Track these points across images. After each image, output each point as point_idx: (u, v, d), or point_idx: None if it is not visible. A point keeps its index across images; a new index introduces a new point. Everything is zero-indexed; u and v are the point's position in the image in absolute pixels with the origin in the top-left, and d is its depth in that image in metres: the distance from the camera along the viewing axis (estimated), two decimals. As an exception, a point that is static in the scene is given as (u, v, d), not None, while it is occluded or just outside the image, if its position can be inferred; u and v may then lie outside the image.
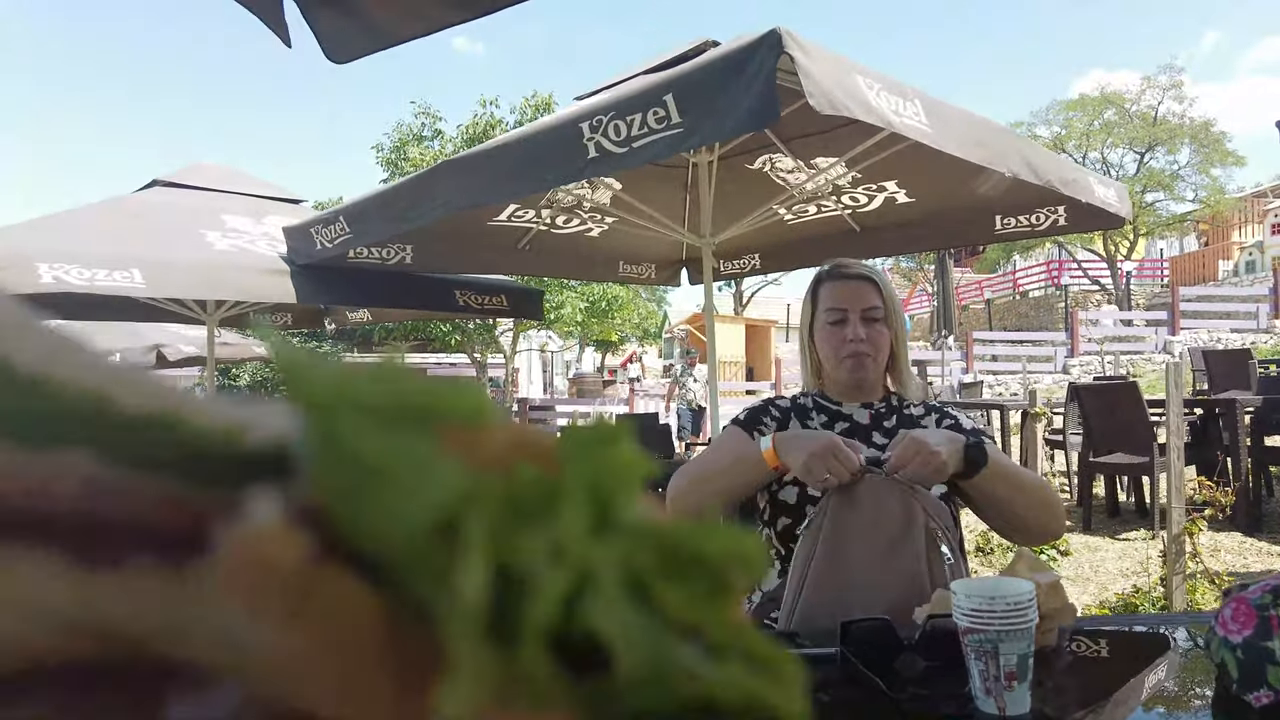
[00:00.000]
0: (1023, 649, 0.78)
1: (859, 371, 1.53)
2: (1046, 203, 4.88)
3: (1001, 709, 0.78)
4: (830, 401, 1.61)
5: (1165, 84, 21.05)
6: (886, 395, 1.62)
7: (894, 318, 1.56)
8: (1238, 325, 15.00)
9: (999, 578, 0.86)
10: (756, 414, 1.61)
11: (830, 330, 1.54)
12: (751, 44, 2.38)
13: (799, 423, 1.58)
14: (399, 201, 3.78)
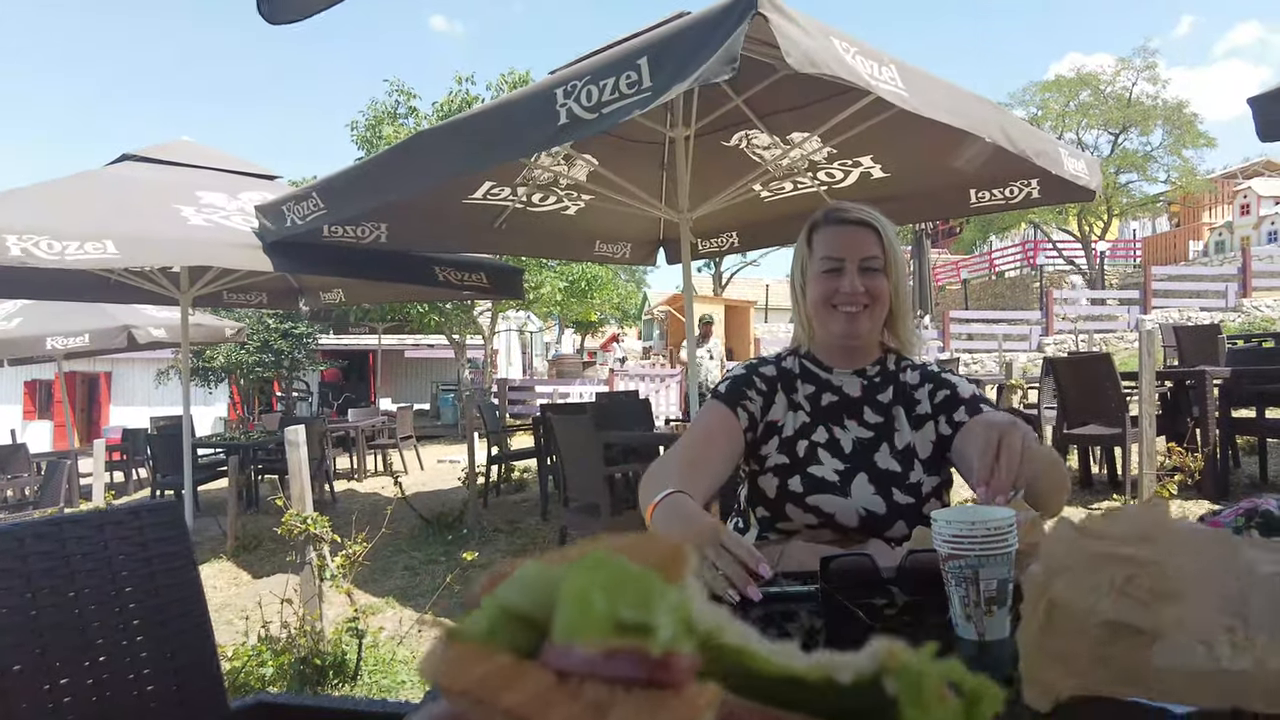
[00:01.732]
0: (1003, 574, 0.78)
1: (853, 326, 1.40)
2: (1020, 176, 4.92)
3: (981, 634, 0.78)
4: (819, 367, 1.49)
5: (1140, 66, 21.24)
6: (882, 357, 1.49)
7: (894, 268, 1.41)
8: (1207, 304, 15.26)
9: (978, 505, 0.86)
10: (740, 385, 1.47)
11: (824, 280, 1.40)
12: (727, 5, 2.35)
13: (785, 397, 1.46)
14: (373, 175, 3.72)
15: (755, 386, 1.48)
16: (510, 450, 7.50)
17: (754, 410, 1.46)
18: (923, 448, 1.42)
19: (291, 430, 2.85)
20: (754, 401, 1.46)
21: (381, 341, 18.16)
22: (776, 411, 1.47)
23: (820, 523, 1.35)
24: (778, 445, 1.44)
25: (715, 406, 1.46)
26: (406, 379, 23.51)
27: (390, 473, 8.31)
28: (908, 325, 1.48)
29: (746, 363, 1.55)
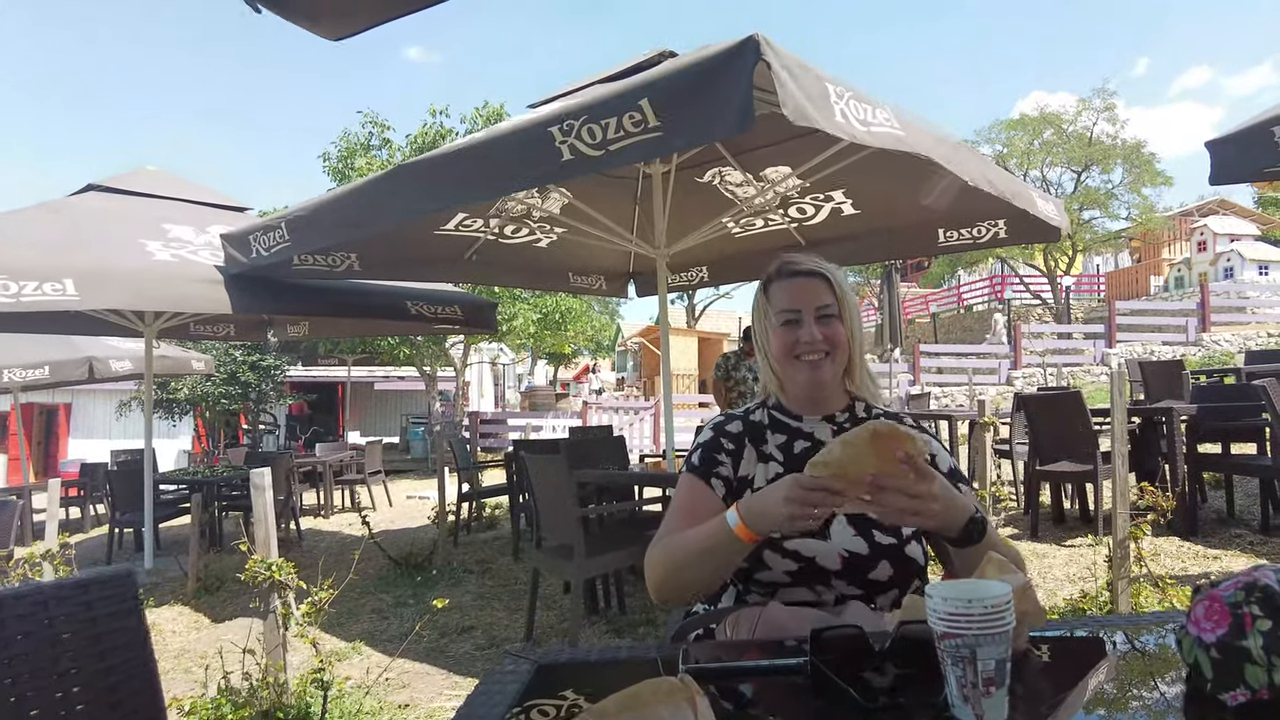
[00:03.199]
0: (1000, 653, 0.74)
1: (817, 374, 1.43)
2: (987, 216, 5.00)
3: (979, 716, 0.74)
4: (789, 416, 1.50)
5: (1100, 107, 21.88)
6: (850, 404, 1.51)
7: (849, 314, 1.44)
8: (1169, 338, 15.58)
9: (975, 580, 0.83)
10: (710, 452, 1.47)
11: (784, 332, 1.43)
12: (730, 50, 2.34)
13: (754, 449, 1.46)
14: (349, 207, 3.66)
15: (723, 448, 1.48)
16: (481, 487, 7.38)
17: (727, 474, 1.46)
18: None
19: (258, 473, 2.76)
20: (725, 465, 1.46)
21: (351, 373, 17.93)
22: (746, 466, 1.47)
23: (801, 568, 1.33)
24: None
25: (690, 481, 1.46)
26: (376, 411, 23.20)
27: (357, 509, 8.13)
28: (864, 370, 1.51)
29: (713, 422, 1.55)
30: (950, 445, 7.47)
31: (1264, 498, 4.96)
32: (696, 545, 1.28)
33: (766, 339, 1.49)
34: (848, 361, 1.47)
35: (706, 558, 1.27)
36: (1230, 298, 16.58)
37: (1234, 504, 5.36)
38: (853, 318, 1.45)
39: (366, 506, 9.45)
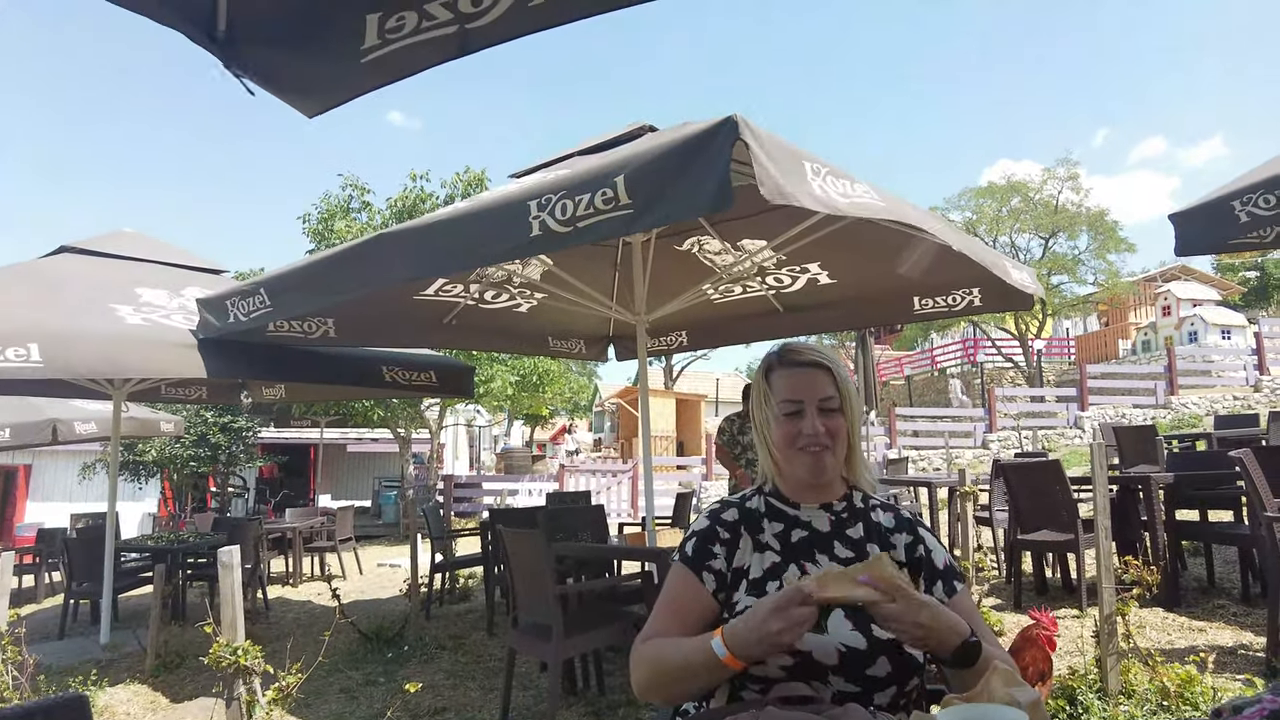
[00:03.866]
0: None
1: (818, 466, 1.41)
2: (963, 284, 5.08)
3: None
4: (786, 504, 1.47)
5: (1063, 175, 22.60)
6: (847, 493, 1.49)
7: (850, 406, 1.44)
8: (1139, 401, 15.82)
9: (987, 705, 0.79)
10: (704, 543, 1.45)
11: (786, 422, 1.42)
12: (709, 129, 2.37)
13: (750, 538, 1.43)
14: (326, 274, 3.63)
15: (719, 538, 1.45)
16: (455, 557, 7.21)
17: (720, 567, 1.43)
18: None
19: (226, 552, 2.65)
20: (719, 557, 1.43)
21: (324, 435, 17.65)
22: (742, 556, 1.44)
23: (797, 663, 1.29)
24: (746, 589, 1.39)
25: (681, 574, 1.43)
26: (348, 474, 22.78)
27: (327, 579, 7.89)
28: (862, 459, 1.50)
29: (709, 509, 1.52)
30: (930, 512, 7.44)
31: (1243, 567, 4.96)
32: (682, 662, 1.28)
33: (767, 426, 1.47)
34: (847, 451, 1.46)
35: (692, 677, 1.28)
36: (1196, 361, 16.92)
37: (1214, 572, 5.35)
38: (853, 409, 1.45)
39: (336, 575, 9.19)
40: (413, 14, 1.58)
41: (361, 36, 1.64)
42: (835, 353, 12.13)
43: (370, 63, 1.68)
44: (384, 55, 1.67)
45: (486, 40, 1.62)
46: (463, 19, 1.59)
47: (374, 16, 1.60)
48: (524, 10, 1.56)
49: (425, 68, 1.73)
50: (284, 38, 1.72)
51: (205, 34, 1.60)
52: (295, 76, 1.79)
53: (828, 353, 1.49)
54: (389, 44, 1.64)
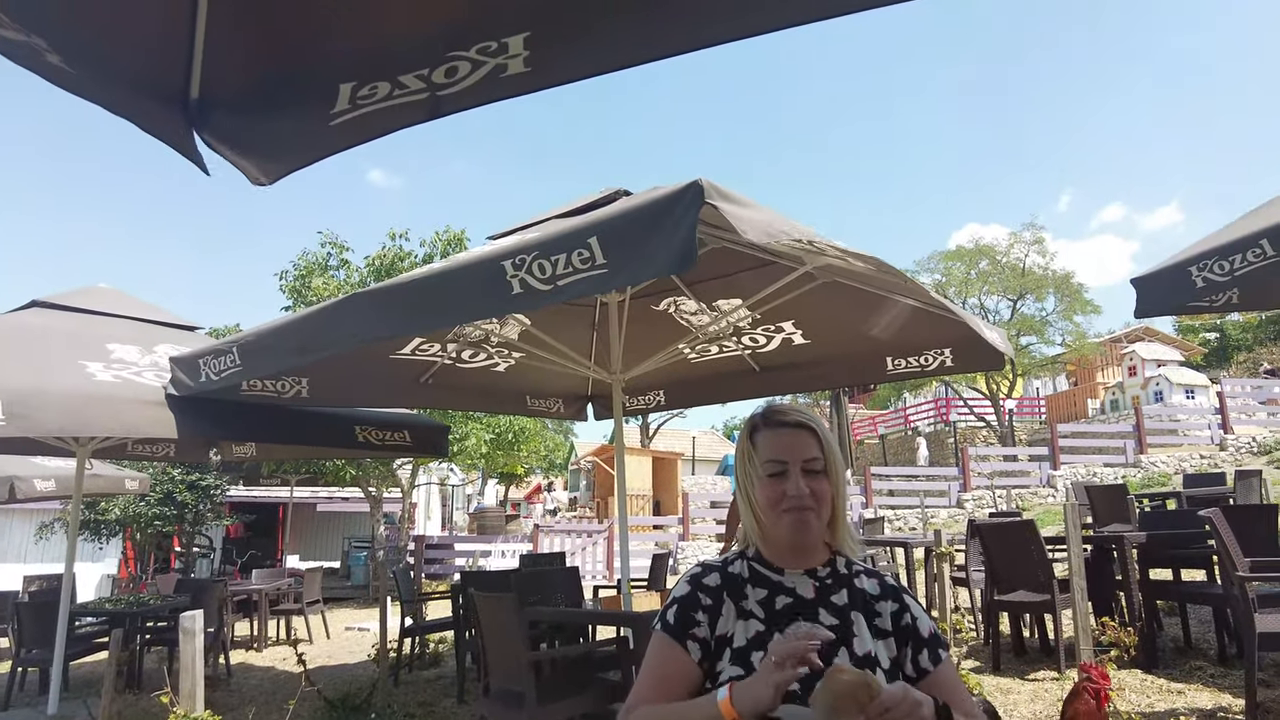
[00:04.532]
0: None
1: (803, 527, 1.40)
2: (935, 345, 5.16)
3: None
4: (770, 569, 1.45)
5: (1029, 240, 23.24)
6: (831, 558, 1.47)
7: (834, 468, 1.43)
8: (1110, 459, 16.01)
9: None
10: (686, 610, 1.42)
11: (770, 484, 1.41)
12: (676, 193, 2.45)
13: (733, 605, 1.41)
14: (299, 334, 3.62)
15: (701, 604, 1.42)
16: (425, 621, 7.03)
17: (704, 635, 1.39)
18: (884, 659, 1.37)
19: (188, 617, 2.57)
20: (702, 624, 1.40)
21: (294, 494, 17.30)
22: (725, 624, 1.40)
23: None
24: (730, 658, 1.36)
25: (664, 643, 1.40)
26: (317, 533, 22.27)
27: (293, 643, 7.64)
28: (846, 524, 1.48)
29: (690, 573, 1.49)
30: (907, 572, 7.41)
31: (1219, 627, 4.97)
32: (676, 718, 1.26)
33: (751, 487, 1.45)
34: (831, 516, 1.44)
35: None
36: (1163, 420, 17.21)
37: (1190, 632, 5.36)
38: (837, 472, 1.43)
39: (303, 639, 8.91)
40: (385, 84, 1.61)
41: (333, 102, 1.67)
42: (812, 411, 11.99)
43: (338, 126, 1.70)
44: (352, 119, 1.69)
45: (457, 106, 1.65)
46: (434, 87, 1.63)
47: (347, 85, 1.63)
48: (496, 80, 1.60)
49: (392, 130, 1.76)
50: (257, 104, 1.74)
51: (178, 106, 1.62)
52: (264, 141, 1.81)
53: (813, 415, 1.47)
54: (359, 109, 1.67)
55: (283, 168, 1.85)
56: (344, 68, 1.63)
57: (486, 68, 1.57)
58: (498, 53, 1.55)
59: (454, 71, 1.58)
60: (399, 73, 1.60)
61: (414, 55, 1.60)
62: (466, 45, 1.55)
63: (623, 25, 1.52)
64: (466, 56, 1.57)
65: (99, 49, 1.50)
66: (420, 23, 1.60)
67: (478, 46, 1.55)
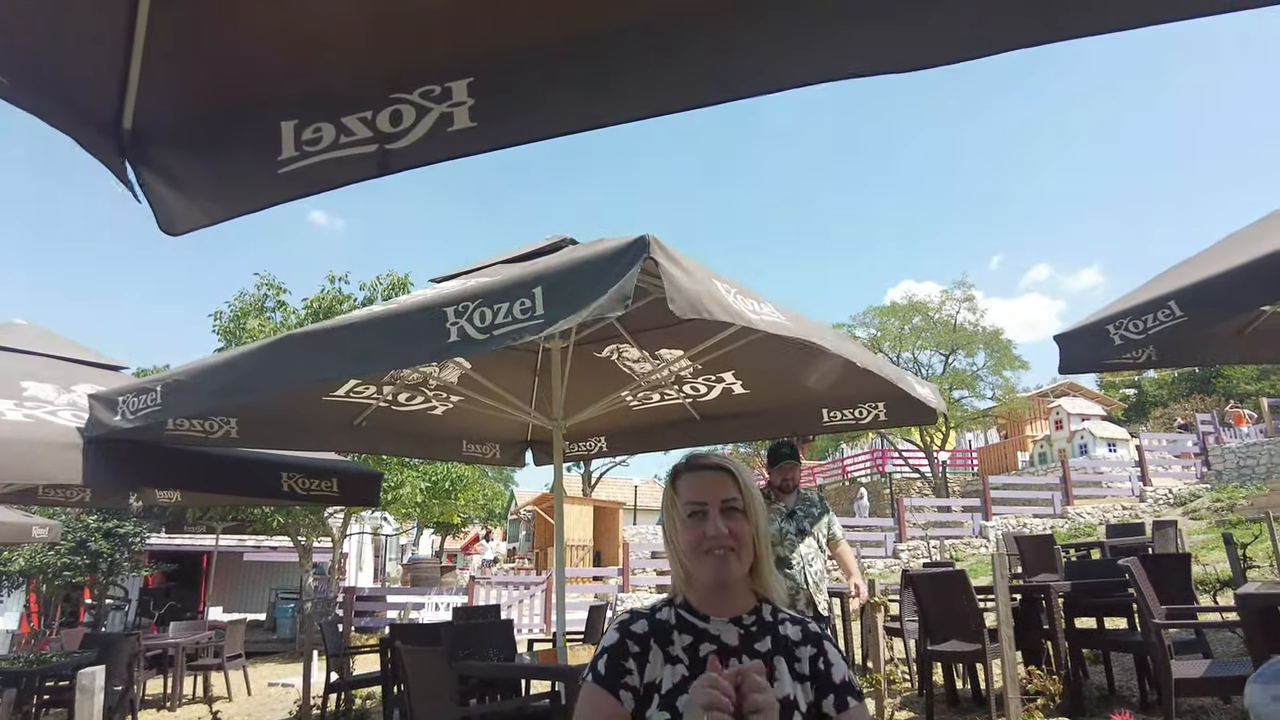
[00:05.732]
0: None
1: (722, 569, 1.41)
2: (869, 398, 5.29)
3: None
4: (696, 616, 1.45)
5: (960, 297, 24.11)
6: (758, 605, 1.48)
7: (753, 510, 1.44)
8: (1038, 510, 16.47)
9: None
10: (615, 659, 1.41)
11: (690, 525, 1.43)
12: (621, 248, 2.49)
13: (661, 650, 1.40)
14: (227, 374, 3.51)
15: (630, 652, 1.42)
16: (352, 676, 6.76)
17: (635, 683, 1.39)
18: (802, 703, 1.39)
19: (87, 674, 2.42)
20: (633, 673, 1.39)
21: (219, 543, 16.59)
22: (653, 670, 1.40)
23: None
24: (658, 703, 1.36)
25: (595, 694, 1.38)
26: (243, 585, 21.33)
27: (209, 701, 7.23)
28: (770, 569, 1.49)
29: (617, 621, 1.48)
30: (843, 622, 7.44)
31: (1140, 674, 5.10)
32: None
33: (674, 532, 1.48)
34: (754, 560, 1.45)
35: None
36: (1088, 473, 17.83)
37: (1114, 680, 5.48)
38: (758, 516, 1.45)
39: (221, 697, 8.46)
40: (330, 127, 1.60)
41: (278, 147, 1.65)
42: (748, 460, 12.02)
43: (287, 175, 1.68)
44: (302, 168, 1.68)
45: (406, 162, 1.65)
46: (382, 139, 1.62)
47: (289, 125, 1.62)
48: (443, 135, 1.61)
49: (343, 184, 1.74)
50: (197, 140, 1.72)
51: (109, 134, 1.59)
52: (207, 181, 1.78)
53: (733, 460, 1.51)
54: (307, 157, 1.66)
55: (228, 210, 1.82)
56: (284, 104, 1.62)
57: (432, 116, 1.57)
58: (441, 98, 1.56)
59: (399, 118, 1.58)
60: (342, 114, 1.60)
61: (356, 95, 1.60)
62: (409, 88, 1.56)
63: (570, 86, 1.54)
64: (410, 100, 1.57)
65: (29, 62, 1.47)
66: (359, 59, 1.61)
67: (420, 90, 1.56)
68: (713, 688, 1.17)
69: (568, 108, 1.58)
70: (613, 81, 1.52)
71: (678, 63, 1.47)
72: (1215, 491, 15.73)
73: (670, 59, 1.47)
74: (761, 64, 1.43)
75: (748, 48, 1.42)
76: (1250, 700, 1.33)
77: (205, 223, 1.84)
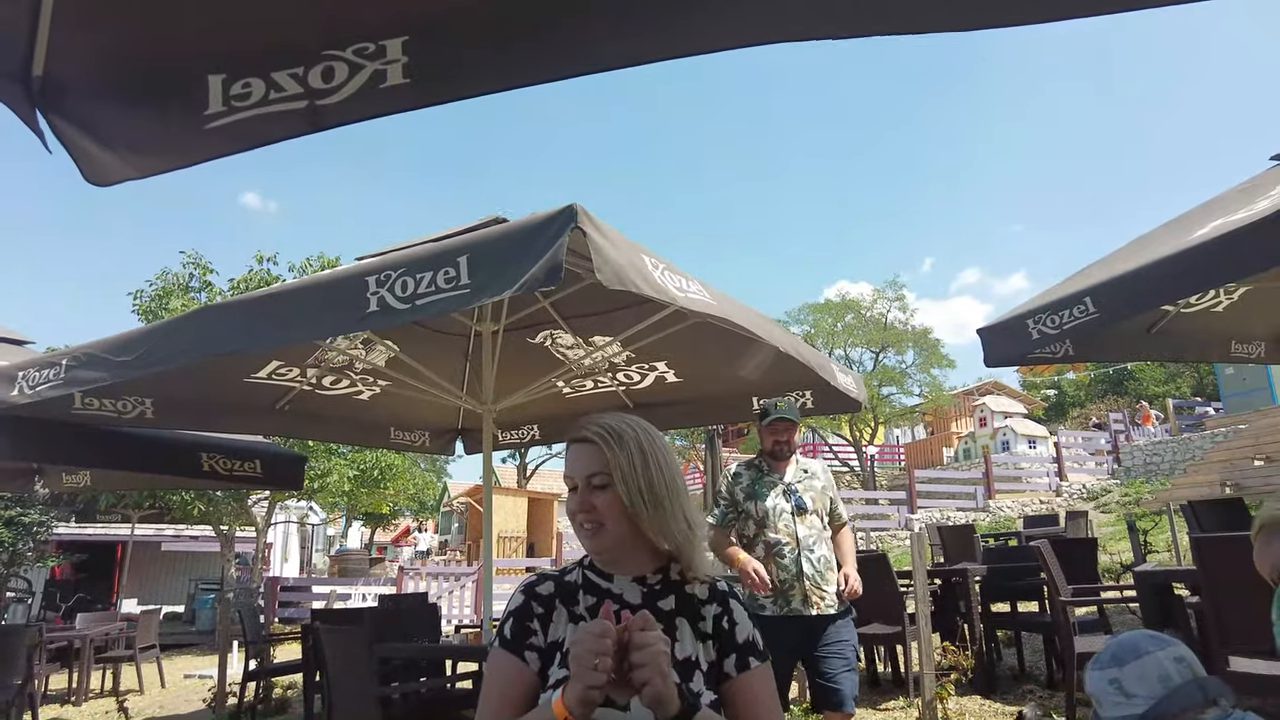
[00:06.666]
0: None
1: (593, 542, 1.42)
2: (797, 386, 5.38)
3: None
4: (601, 576, 1.46)
5: (892, 296, 24.74)
6: (665, 565, 1.46)
7: (623, 480, 1.38)
8: (962, 504, 17.05)
9: None
10: (521, 621, 1.40)
11: (569, 498, 1.46)
12: (549, 216, 2.46)
13: (566, 610, 1.41)
14: (139, 346, 3.37)
15: (534, 613, 1.42)
16: (273, 664, 6.58)
17: (539, 644, 1.39)
18: (704, 662, 1.40)
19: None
20: (538, 634, 1.39)
21: (135, 532, 15.92)
22: (557, 630, 1.40)
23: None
24: (560, 662, 1.36)
25: (502, 658, 1.38)
26: (161, 576, 20.52)
27: (117, 694, 6.95)
28: (672, 531, 1.42)
29: (524, 583, 1.48)
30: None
31: (1048, 653, 5.33)
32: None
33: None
34: (643, 522, 1.40)
35: None
36: (1009, 469, 18.52)
37: (1024, 660, 5.71)
38: (633, 482, 1.38)
39: (132, 690, 8.14)
40: (260, 82, 1.55)
41: (205, 101, 1.59)
42: (684, 454, 11.96)
43: (215, 130, 1.63)
44: (231, 124, 1.62)
45: (340, 118, 1.61)
46: (313, 94, 1.58)
47: (217, 79, 1.56)
48: (376, 92, 1.57)
49: (274, 140, 1.70)
50: (116, 91, 1.64)
51: (17, 79, 1.51)
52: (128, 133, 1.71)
53: (612, 426, 1.43)
54: (236, 112, 1.61)
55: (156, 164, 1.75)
56: (212, 58, 1.56)
57: (365, 73, 1.53)
58: (375, 56, 1.52)
59: (331, 74, 1.53)
60: (272, 69, 1.55)
61: (288, 51, 1.55)
62: (342, 45, 1.52)
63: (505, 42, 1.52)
64: (343, 57, 1.53)
65: None
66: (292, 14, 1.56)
67: (354, 47, 1.52)
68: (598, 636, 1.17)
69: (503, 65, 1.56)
70: (546, 38, 1.51)
71: (615, 19, 1.46)
72: (1124, 486, 16.51)
73: (607, 15, 1.46)
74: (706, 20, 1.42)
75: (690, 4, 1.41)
76: (1090, 688, 1.39)
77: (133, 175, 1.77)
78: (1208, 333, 4.83)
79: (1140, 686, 1.36)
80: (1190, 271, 3.40)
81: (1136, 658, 1.38)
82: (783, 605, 3.33)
